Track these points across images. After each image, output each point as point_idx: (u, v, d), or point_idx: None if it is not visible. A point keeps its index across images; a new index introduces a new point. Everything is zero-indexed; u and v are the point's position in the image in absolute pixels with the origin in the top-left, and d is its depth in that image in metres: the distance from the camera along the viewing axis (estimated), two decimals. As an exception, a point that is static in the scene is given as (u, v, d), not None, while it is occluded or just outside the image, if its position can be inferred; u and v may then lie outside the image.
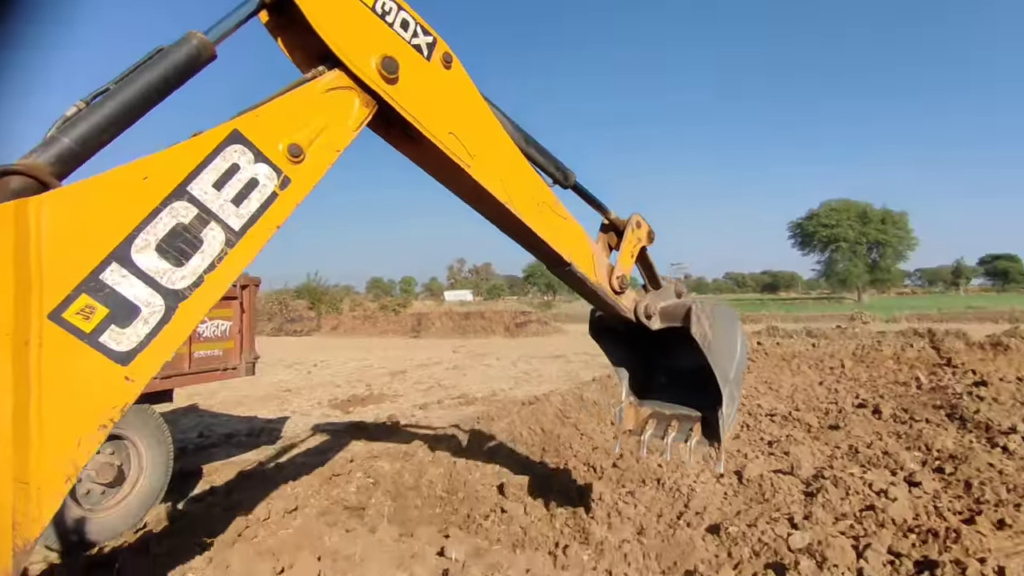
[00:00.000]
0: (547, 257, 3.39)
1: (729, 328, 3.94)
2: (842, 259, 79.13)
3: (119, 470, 5.35)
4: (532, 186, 3.16)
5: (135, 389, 1.85)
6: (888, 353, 14.98)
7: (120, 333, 1.81)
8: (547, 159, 3.44)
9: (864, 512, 5.26)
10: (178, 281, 1.92)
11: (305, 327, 38.67)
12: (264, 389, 14.13)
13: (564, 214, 3.37)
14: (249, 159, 2.07)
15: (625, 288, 3.70)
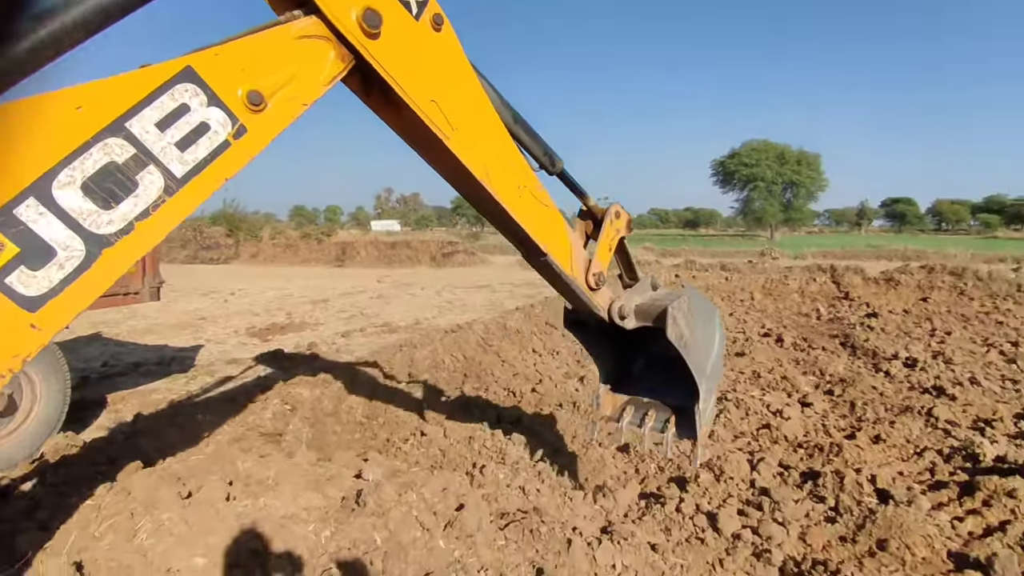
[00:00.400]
0: (523, 244, 3.24)
1: (707, 323, 3.88)
2: (759, 198, 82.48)
3: (10, 399, 5.02)
4: (515, 167, 2.98)
5: (41, 339, 1.70)
6: (794, 287, 15.91)
7: (30, 276, 1.63)
8: (535, 141, 3.24)
9: (760, 430, 5.67)
10: (104, 225, 1.72)
11: (222, 255, 36.95)
12: (176, 317, 13.51)
13: (546, 201, 3.19)
14: (201, 101, 1.86)
15: (601, 285, 3.55)
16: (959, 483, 4.38)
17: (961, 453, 4.86)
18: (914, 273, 15.64)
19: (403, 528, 3.05)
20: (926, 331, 10.03)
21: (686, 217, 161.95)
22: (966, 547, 3.60)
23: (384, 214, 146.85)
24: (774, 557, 3.54)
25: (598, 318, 3.58)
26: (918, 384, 6.97)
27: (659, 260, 27.05)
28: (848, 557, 3.59)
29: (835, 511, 4.06)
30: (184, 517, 2.94)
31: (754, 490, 4.45)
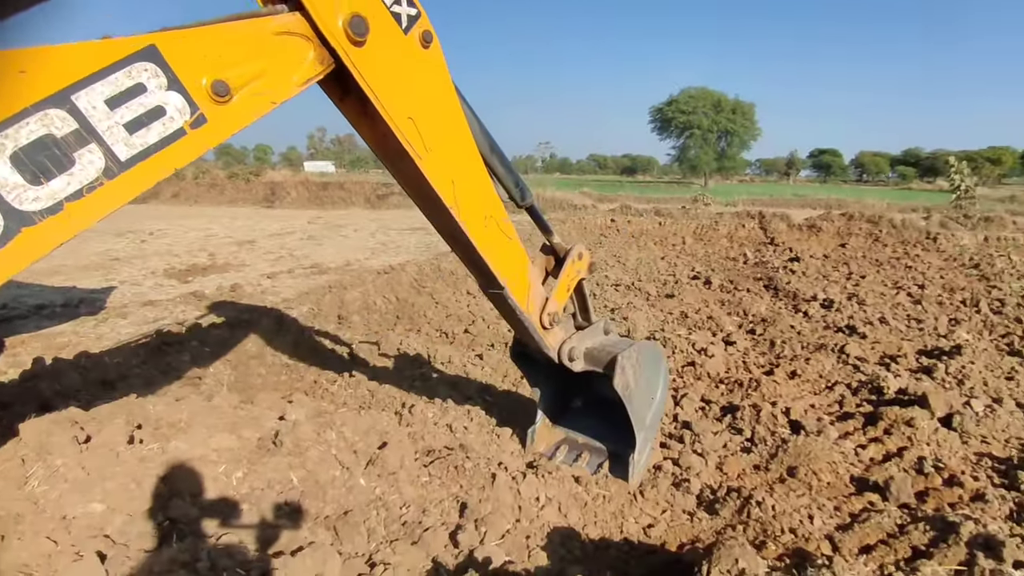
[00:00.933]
0: (481, 274, 3.16)
1: (652, 374, 3.83)
2: (694, 146, 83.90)
3: None
4: (484, 196, 2.90)
5: None
6: (723, 232, 16.34)
7: None
8: (508, 172, 3.15)
9: (685, 367, 5.83)
10: (28, 201, 1.58)
11: (140, 194, 34.70)
12: (87, 258, 12.64)
13: (511, 234, 3.12)
14: (161, 83, 1.71)
15: (554, 325, 3.50)
16: (864, 414, 4.64)
17: (867, 386, 5.14)
18: (835, 220, 16.31)
19: (321, 467, 2.97)
20: (843, 275, 10.52)
21: (624, 164, 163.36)
22: (867, 472, 3.83)
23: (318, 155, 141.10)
24: (692, 486, 3.67)
25: (546, 356, 3.56)
26: (833, 324, 7.31)
27: (596, 205, 27.16)
28: (760, 484, 3.76)
29: (751, 442, 4.24)
30: (80, 462, 2.74)
31: (677, 424, 4.59)
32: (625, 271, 11.42)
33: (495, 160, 3.01)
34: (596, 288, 9.58)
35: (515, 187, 3.20)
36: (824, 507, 3.36)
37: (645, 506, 3.41)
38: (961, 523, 2.85)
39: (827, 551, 2.99)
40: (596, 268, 3.90)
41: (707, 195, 26.63)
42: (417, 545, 2.72)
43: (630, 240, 15.96)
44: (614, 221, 18.28)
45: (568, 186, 42.25)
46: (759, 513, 3.30)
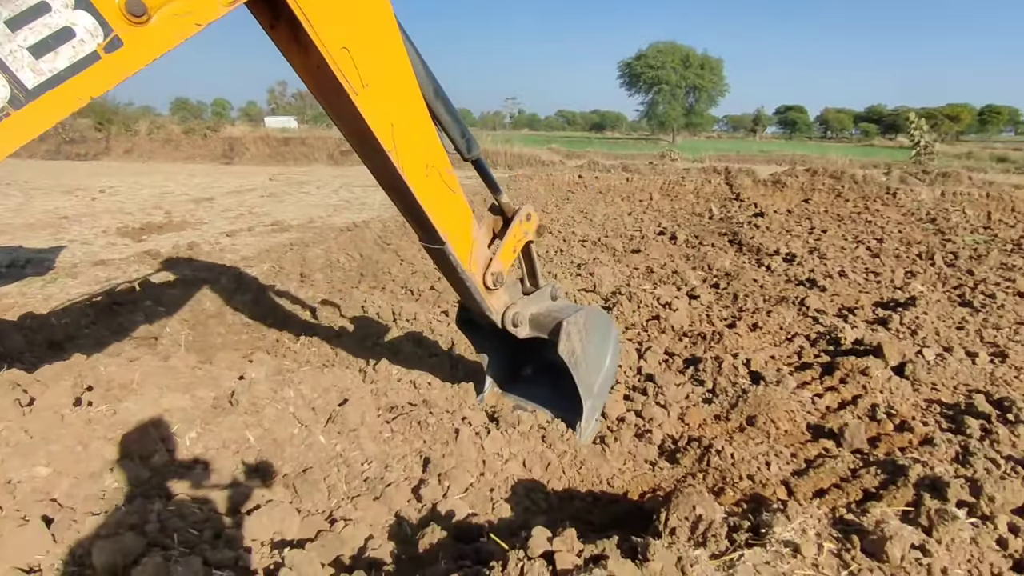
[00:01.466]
0: (421, 227, 2.99)
1: (601, 341, 3.69)
2: (663, 101, 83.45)
3: None
4: (426, 143, 2.72)
5: None
6: (690, 188, 16.39)
7: None
8: (454, 121, 2.97)
9: (650, 321, 5.87)
10: None
11: (90, 150, 33.14)
12: (33, 216, 12.08)
13: (454, 187, 2.95)
14: (66, 1, 1.55)
15: (498, 286, 3.31)
16: (822, 364, 4.75)
17: (826, 338, 5.25)
18: (799, 176, 16.48)
19: (279, 425, 2.90)
20: (805, 229, 10.67)
21: (593, 120, 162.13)
22: (823, 419, 3.93)
23: (279, 110, 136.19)
24: (654, 437, 3.72)
25: (490, 320, 3.42)
26: (794, 277, 7.43)
27: (563, 161, 26.94)
28: (721, 433, 3.83)
29: (712, 393, 4.31)
30: (23, 426, 2.63)
31: (640, 376, 4.63)
32: (592, 227, 11.39)
33: (440, 106, 2.86)
34: (563, 244, 9.55)
35: (461, 138, 3.06)
36: (781, 454, 3.44)
37: (609, 457, 3.45)
38: (910, 466, 2.95)
39: (783, 496, 3.07)
40: (545, 231, 3.76)
41: (674, 151, 26.62)
42: (379, 500, 2.70)
43: (597, 196, 15.90)
44: (582, 177, 18.17)
45: (536, 142, 41.76)
46: (719, 461, 3.37)
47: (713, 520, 2.18)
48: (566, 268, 8.10)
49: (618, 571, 1.77)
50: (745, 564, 1.97)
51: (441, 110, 2.88)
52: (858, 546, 2.07)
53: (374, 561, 2.22)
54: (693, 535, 2.17)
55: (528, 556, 1.91)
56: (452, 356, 5.06)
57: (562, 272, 7.77)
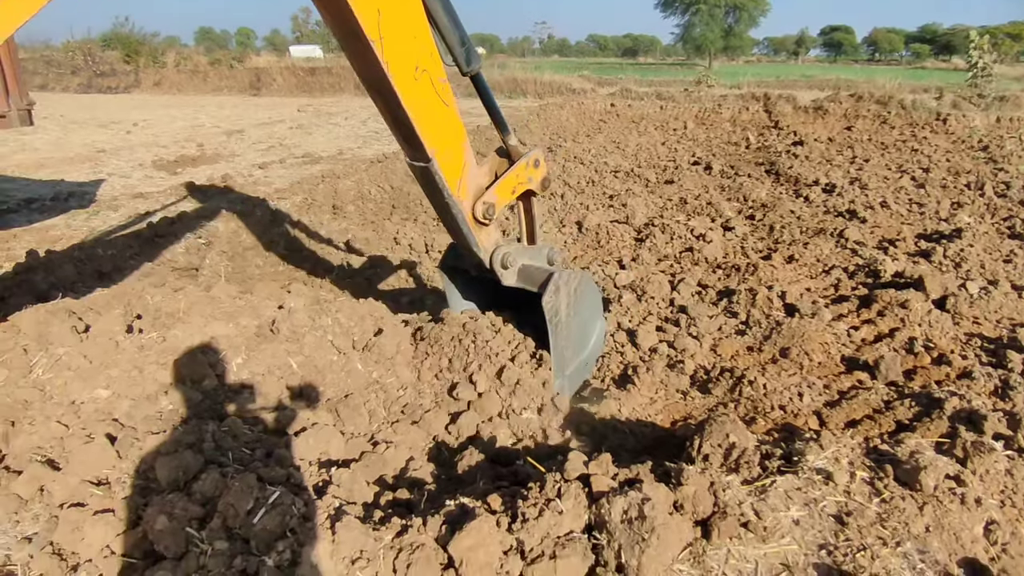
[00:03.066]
0: (408, 142, 2.70)
1: (588, 317, 3.41)
2: (700, 23, 79.38)
3: None
4: (417, 41, 2.44)
5: None
6: (726, 116, 15.81)
7: None
8: (452, 25, 2.64)
9: (683, 253, 5.81)
10: None
11: (121, 82, 33.23)
12: (73, 150, 12.27)
13: (447, 99, 2.65)
14: None
15: (489, 220, 2.99)
16: (859, 297, 4.67)
17: (864, 270, 5.14)
18: (842, 102, 15.74)
19: (318, 352, 3.00)
20: (847, 158, 10.27)
21: (625, 45, 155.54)
22: (858, 352, 3.90)
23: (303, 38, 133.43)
24: (686, 367, 3.75)
25: (477, 261, 3.13)
26: (833, 208, 7.22)
27: (595, 89, 26.09)
28: (753, 364, 3.84)
29: (746, 324, 4.29)
30: (82, 351, 2.76)
31: (673, 308, 4.63)
32: (624, 157, 11.14)
33: (437, 5, 2.58)
34: (595, 175, 9.39)
35: (460, 46, 2.73)
36: (814, 385, 3.45)
37: (641, 387, 3.49)
38: (946, 399, 2.93)
39: (815, 426, 3.10)
40: (550, 185, 3.41)
41: (711, 77, 25.49)
42: (418, 425, 2.80)
43: (630, 125, 15.46)
44: (614, 106, 17.64)
45: (566, 69, 40.41)
46: (751, 391, 3.39)
47: (746, 447, 2.22)
48: (598, 199, 7.99)
49: (652, 494, 1.83)
50: (777, 490, 2.02)
51: (439, 9, 2.60)
52: (891, 475, 2.10)
53: (415, 480, 2.33)
54: (726, 462, 2.22)
55: (565, 479, 1.98)
56: (484, 287, 5.10)
57: (594, 203, 7.67)
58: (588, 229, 6.60)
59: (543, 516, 1.81)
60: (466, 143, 2.89)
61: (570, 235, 6.58)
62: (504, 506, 1.92)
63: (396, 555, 1.72)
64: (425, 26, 2.52)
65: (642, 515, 1.75)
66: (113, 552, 1.99)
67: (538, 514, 1.82)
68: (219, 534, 1.77)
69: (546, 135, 13.69)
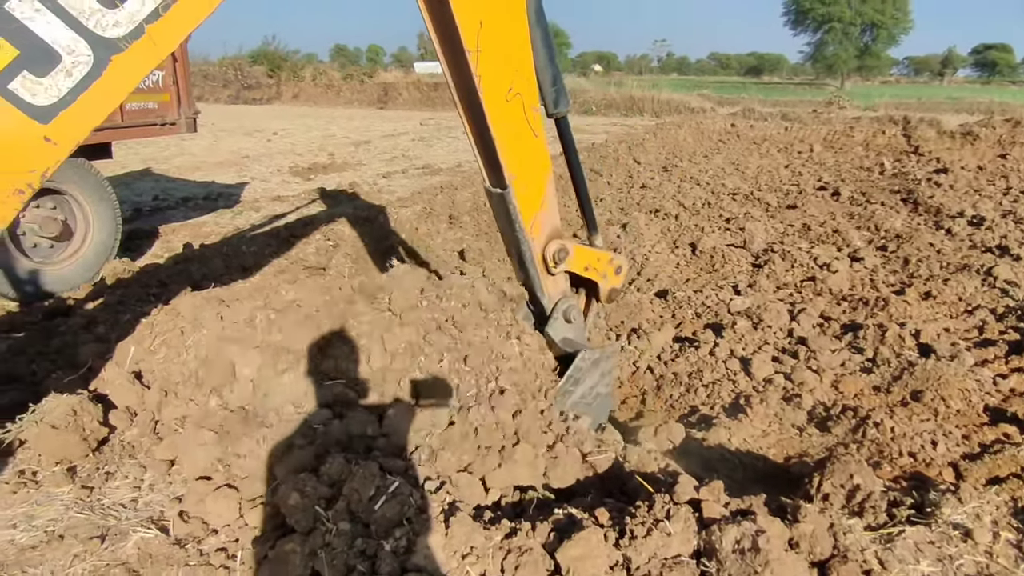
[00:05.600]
0: (488, 163, 2.63)
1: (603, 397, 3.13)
2: (833, 41, 75.01)
3: (64, 225, 5.20)
4: (515, 61, 2.38)
5: (57, 153, 1.59)
6: (859, 139, 14.85)
7: (36, 83, 1.51)
8: (547, 59, 2.54)
9: (804, 282, 5.53)
10: (110, 28, 1.55)
11: (264, 95, 36.38)
12: (222, 155, 13.56)
13: (536, 127, 2.56)
14: None
15: (559, 265, 2.81)
16: (1009, 342, 4.23)
17: (1016, 313, 4.66)
18: (996, 127, 14.32)
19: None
20: (1000, 189, 9.33)
21: (749, 63, 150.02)
22: (1005, 402, 3.54)
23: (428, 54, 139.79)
24: (804, 401, 3.57)
25: (536, 305, 2.99)
26: (981, 243, 6.59)
27: (715, 108, 25.39)
28: (879, 405, 3.59)
29: (872, 362, 4.02)
30: (226, 335, 3.06)
31: (791, 339, 4.42)
32: (744, 179, 10.76)
33: (537, 34, 2.48)
34: (711, 197, 9.14)
35: (551, 84, 2.60)
36: (951, 434, 3.17)
37: (753, 418, 3.37)
38: (1115, 463, 2.61)
39: (950, 478, 2.85)
40: (616, 298, 3.11)
41: (843, 98, 24.06)
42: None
43: (751, 146, 14.90)
44: (734, 126, 17.08)
45: (685, 87, 39.61)
46: (876, 434, 3.18)
47: (872, 491, 2.09)
48: (714, 221, 7.77)
49: (767, 527, 1.77)
50: (906, 541, 1.88)
51: (538, 40, 2.49)
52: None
53: (525, 489, 2.38)
54: (848, 504, 2.10)
55: (674, 501, 1.96)
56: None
57: (709, 226, 7.47)
58: (702, 252, 6.43)
59: (651, 536, 1.80)
60: (549, 179, 2.77)
61: (683, 257, 6.45)
62: (612, 521, 1.93)
63: (505, 555, 1.77)
64: (526, 49, 2.45)
65: (756, 547, 1.70)
66: (246, 523, 2.19)
67: (646, 533, 1.81)
68: (343, 516, 1.91)
69: (662, 154, 13.50)
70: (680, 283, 5.77)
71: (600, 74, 73.53)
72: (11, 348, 4.02)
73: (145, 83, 5.72)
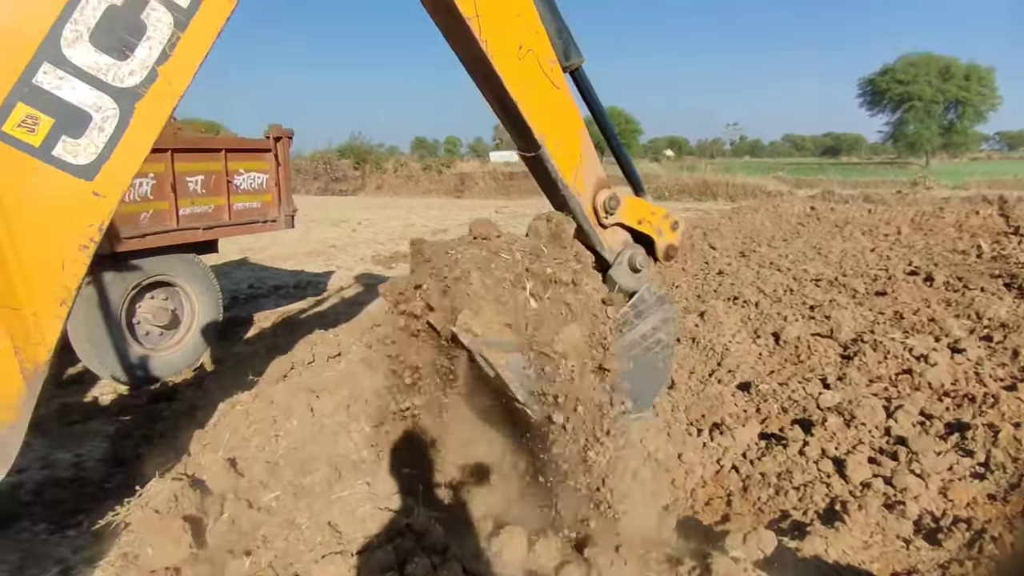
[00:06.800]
0: (516, 128, 2.52)
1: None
2: (914, 120, 73.22)
3: (173, 314, 5.66)
4: (521, 19, 2.28)
5: (109, 205, 1.70)
6: (950, 220, 14.19)
7: (75, 144, 1.63)
8: (551, 15, 2.44)
9: (900, 376, 5.21)
10: (127, 78, 1.66)
11: (350, 186, 38.94)
12: (311, 245, 14.48)
13: (558, 80, 2.46)
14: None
15: (612, 215, 2.68)
16: None
17: None
18: (1107, 205, 13.39)
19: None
20: (1118, 273, 8.63)
21: (826, 143, 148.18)
22: None
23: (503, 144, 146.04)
24: (908, 510, 3.30)
25: (599, 260, 2.80)
26: (1102, 333, 6.05)
27: (792, 191, 25.06)
28: (997, 517, 3.26)
29: (985, 467, 3.68)
30: (313, 426, 3.20)
31: (889, 438, 4.13)
32: (827, 264, 10.44)
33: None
34: (793, 283, 8.89)
35: (557, 37, 2.47)
36: (1085, 554, 2.83)
37: (852, 527, 3.14)
38: None
39: (1089, 607, 2.53)
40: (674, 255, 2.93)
41: (929, 177, 23.25)
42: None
43: (833, 229, 14.51)
44: (814, 209, 16.75)
45: (760, 170, 39.51)
46: (994, 550, 2.88)
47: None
48: (796, 309, 7.53)
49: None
50: None
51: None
52: None
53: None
54: (968, 635, 1.90)
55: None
56: (672, 396, 5.00)
57: (792, 313, 7.24)
58: (786, 342, 6.21)
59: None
60: (582, 131, 2.66)
61: (765, 347, 6.24)
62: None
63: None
64: (530, 4, 2.36)
65: None
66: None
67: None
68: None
69: (739, 239, 13.35)
70: (763, 375, 5.56)
71: (672, 159, 74.40)
72: (119, 431, 4.34)
73: (250, 185, 6.31)
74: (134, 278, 5.29)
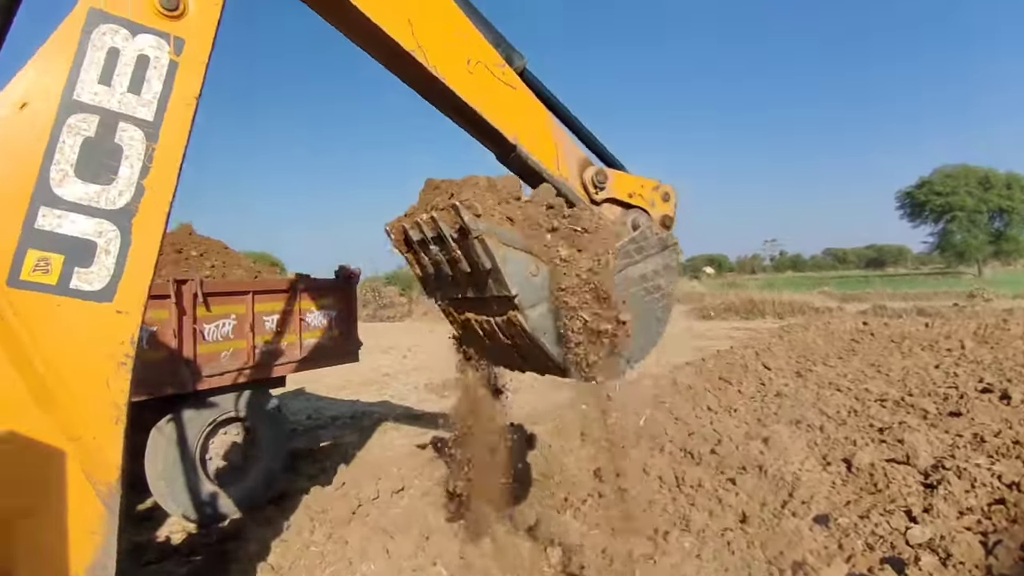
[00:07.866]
0: (490, 138, 2.61)
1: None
2: (959, 230, 72.52)
3: (244, 450, 5.81)
4: (459, 36, 2.39)
5: (133, 319, 1.79)
6: (1017, 332, 13.69)
7: (88, 273, 1.73)
8: (485, 28, 2.52)
9: (993, 506, 4.89)
10: (118, 199, 1.77)
11: (398, 312, 40.00)
12: (364, 374, 14.77)
13: (512, 82, 2.55)
14: (124, 36, 1.76)
15: (601, 189, 2.76)
16: None
17: None
18: None
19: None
20: None
21: (869, 256, 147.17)
22: None
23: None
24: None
25: None
26: None
27: (841, 306, 24.70)
28: None
29: (1107, 613, 3.37)
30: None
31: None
32: (890, 383, 10.09)
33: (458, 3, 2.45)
34: (856, 404, 8.60)
35: (495, 45, 2.55)
36: None
37: None
38: None
39: None
40: (671, 225, 2.88)
41: (987, 289, 22.70)
42: None
43: (890, 345, 14.13)
44: (866, 324, 16.42)
45: (804, 285, 39.25)
46: None
47: None
48: (864, 432, 7.24)
49: None
50: None
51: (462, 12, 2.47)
52: None
53: None
54: None
55: None
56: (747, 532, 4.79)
57: (861, 437, 6.96)
58: (859, 469, 5.94)
59: None
60: (549, 120, 2.69)
61: (837, 475, 5.97)
62: None
63: None
64: (464, 21, 2.43)
65: None
66: None
67: None
68: None
69: (792, 358, 13.10)
70: (840, 506, 5.29)
71: (712, 276, 74.65)
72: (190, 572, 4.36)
73: (320, 322, 6.67)
74: (211, 415, 5.52)
